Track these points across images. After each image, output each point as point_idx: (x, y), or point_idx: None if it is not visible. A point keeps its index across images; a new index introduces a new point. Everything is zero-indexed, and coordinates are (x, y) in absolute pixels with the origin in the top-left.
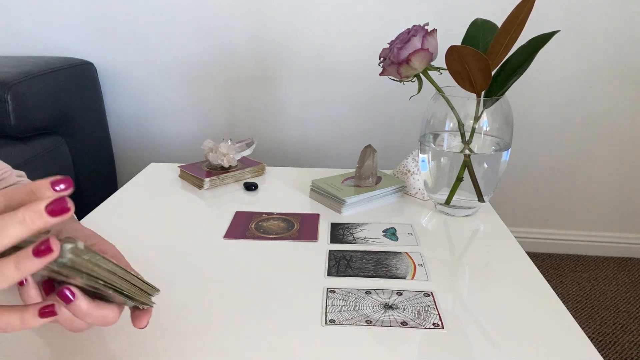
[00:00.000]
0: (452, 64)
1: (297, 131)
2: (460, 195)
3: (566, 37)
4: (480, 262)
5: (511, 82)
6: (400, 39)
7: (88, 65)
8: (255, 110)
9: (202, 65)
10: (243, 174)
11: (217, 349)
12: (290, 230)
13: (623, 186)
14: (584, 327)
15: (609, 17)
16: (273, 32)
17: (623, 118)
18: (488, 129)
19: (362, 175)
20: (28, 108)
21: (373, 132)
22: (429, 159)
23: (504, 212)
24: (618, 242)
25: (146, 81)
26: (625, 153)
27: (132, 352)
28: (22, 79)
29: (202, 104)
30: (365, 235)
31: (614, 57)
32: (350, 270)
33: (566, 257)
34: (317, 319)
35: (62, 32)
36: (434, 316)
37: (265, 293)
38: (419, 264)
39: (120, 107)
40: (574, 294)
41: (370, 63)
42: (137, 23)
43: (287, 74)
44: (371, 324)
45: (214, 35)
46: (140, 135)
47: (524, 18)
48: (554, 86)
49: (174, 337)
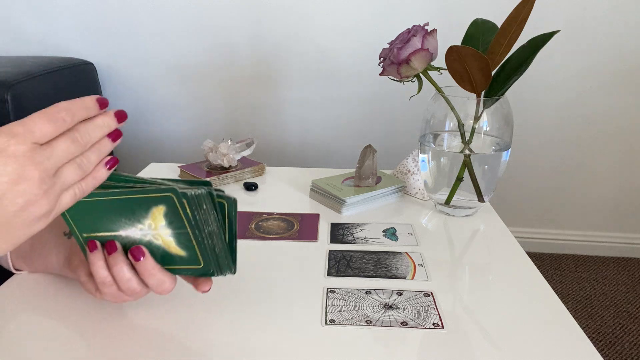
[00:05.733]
0: (452, 64)
1: (297, 131)
2: (460, 195)
3: (566, 37)
4: (480, 262)
5: (511, 82)
6: (400, 39)
7: (88, 65)
8: (255, 110)
9: (202, 65)
10: (243, 174)
11: (217, 349)
12: (290, 230)
13: (623, 186)
14: (584, 327)
15: (609, 17)
16: (273, 32)
17: (623, 118)
18: (488, 129)
19: (362, 175)
20: (28, 108)
21: (373, 132)
22: (429, 159)
23: (504, 212)
24: (618, 242)
25: (146, 81)
26: (625, 153)
27: (131, 351)
28: (22, 79)
29: (202, 104)
30: (365, 235)
31: (614, 57)
32: (350, 270)
33: (566, 257)
34: (317, 319)
35: (62, 32)
36: (434, 316)
37: (265, 293)
38: (419, 264)
39: (120, 107)
40: (574, 294)
41: (370, 63)
42: (137, 23)
43: (287, 73)
44: (371, 324)
45: (214, 35)
46: (140, 135)
47: (524, 18)
48: (554, 86)
49: (174, 337)
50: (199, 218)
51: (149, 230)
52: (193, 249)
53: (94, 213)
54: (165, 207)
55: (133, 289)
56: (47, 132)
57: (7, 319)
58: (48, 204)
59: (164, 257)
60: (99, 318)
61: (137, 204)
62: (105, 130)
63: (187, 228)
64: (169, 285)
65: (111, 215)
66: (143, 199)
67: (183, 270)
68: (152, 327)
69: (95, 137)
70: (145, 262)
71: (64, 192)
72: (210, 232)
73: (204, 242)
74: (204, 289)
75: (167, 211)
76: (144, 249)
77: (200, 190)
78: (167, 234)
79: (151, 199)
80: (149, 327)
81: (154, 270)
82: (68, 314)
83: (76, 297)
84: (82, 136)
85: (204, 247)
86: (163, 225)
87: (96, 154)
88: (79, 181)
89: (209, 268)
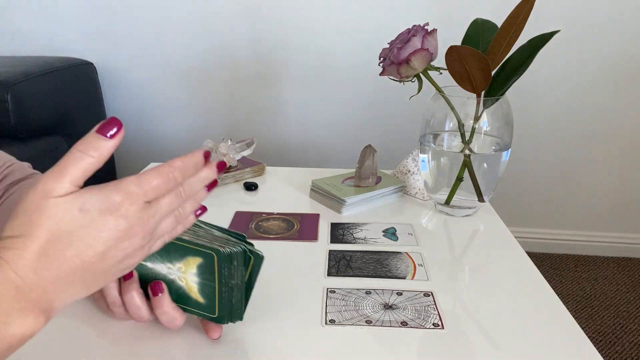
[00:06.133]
0: (452, 64)
1: (297, 131)
2: (460, 195)
3: (566, 37)
4: (480, 262)
5: (511, 82)
6: (400, 39)
7: (88, 65)
8: (255, 110)
9: (202, 65)
10: (243, 174)
11: (217, 349)
12: (290, 230)
13: (623, 186)
14: (584, 327)
15: (609, 17)
16: (273, 32)
17: (623, 118)
18: (488, 129)
19: (362, 175)
20: (28, 108)
21: (373, 132)
22: (429, 159)
23: (504, 212)
24: (618, 242)
25: (146, 81)
26: (626, 153)
27: (132, 351)
28: (22, 79)
29: (202, 103)
30: (365, 235)
31: (614, 57)
32: (350, 270)
33: (566, 257)
34: (317, 319)
35: (62, 32)
36: (434, 316)
37: (265, 293)
38: (419, 264)
39: (120, 107)
40: (574, 294)
41: (370, 63)
42: (137, 23)
43: (287, 73)
44: (371, 324)
45: (214, 35)
46: (140, 135)
47: (524, 18)
48: (554, 86)
49: (174, 337)
50: (228, 274)
51: (176, 272)
52: (213, 300)
53: None
54: (202, 260)
55: (141, 316)
56: (160, 192)
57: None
58: (142, 256)
59: (182, 296)
60: (100, 318)
61: (175, 248)
62: (206, 182)
63: (215, 282)
64: (179, 322)
65: None
66: (183, 247)
67: (196, 312)
68: (152, 327)
69: (196, 190)
70: (162, 299)
71: (157, 240)
72: (232, 286)
73: (225, 296)
74: (214, 337)
75: (202, 264)
76: (163, 285)
77: (236, 248)
78: (192, 280)
79: (192, 250)
80: (149, 327)
81: (167, 308)
82: (68, 315)
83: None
84: (186, 191)
85: (224, 299)
86: (193, 273)
87: (192, 204)
88: (172, 229)
89: (222, 318)
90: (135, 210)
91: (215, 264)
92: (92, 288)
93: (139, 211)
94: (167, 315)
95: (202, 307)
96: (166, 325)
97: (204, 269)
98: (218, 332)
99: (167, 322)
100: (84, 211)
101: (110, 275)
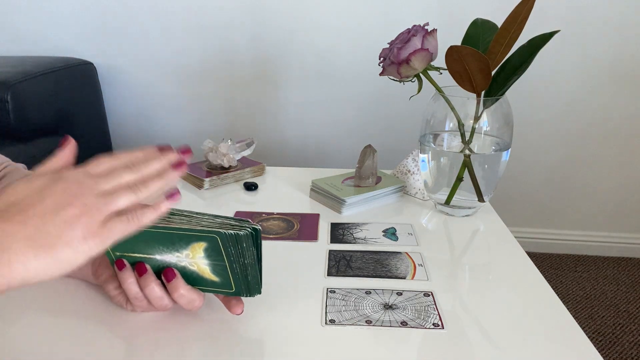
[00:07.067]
0: (452, 64)
1: (297, 131)
2: (460, 195)
3: (566, 37)
4: (480, 262)
5: (511, 82)
6: (400, 39)
7: (88, 65)
8: (255, 110)
9: (202, 65)
10: (243, 174)
11: (217, 349)
12: (290, 230)
13: (623, 186)
14: (584, 327)
15: (609, 17)
16: (273, 32)
17: (623, 118)
18: (488, 129)
19: (362, 175)
20: (28, 108)
21: (373, 132)
22: (429, 159)
23: (504, 212)
24: (618, 242)
25: (146, 81)
26: (625, 153)
27: (134, 350)
28: (22, 79)
29: (202, 103)
30: (365, 235)
31: (614, 57)
32: (350, 270)
33: (566, 257)
34: (317, 319)
35: (62, 32)
36: (434, 316)
37: (265, 293)
38: (419, 264)
39: (120, 107)
40: (574, 294)
41: (370, 63)
42: (137, 23)
43: (287, 74)
44: (371, 324)
45: (214, 35)
46: (140, 135)
47: (524, 18)
48: (554, 86)
49: (173, 337)
50: (238, 254)
51: (185, 258)
52: (227, 277)
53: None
54: (206, 244)
55: (165, 305)
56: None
57: (9, 319)
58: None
59: (197, 279)
60: (100, 319)
61: (178, 237)
62: (165, 161)
63: (224, 262)
64: (199, 303)
65: (150, 242)
66: (185, 235)
67: (214, 291)
68: (153, 327)
69: (155, 169)
70: (177, 282)
71: (115, 217)
72: (246, 265)
73: (239, 273)
74: (236, 312)
75: (208, 247)
76: (175, 271)
77: (241, 231)
78: (203, 263)
79: (194, 236)
80: (150, 327)
81: (183, 290)
82: (69, 314)
83: (80, 296)
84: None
85: (238, 276)
86: (201, 257)
87: (159, 183)
88: (137, 210)
89: (239, 292)
90: (77, 175)
91: (220, 245)
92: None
93: (82, 177)
94: (185, 298)
95: (218, 285)
96: (186, 308)
97: (210, 251)
98: (240, 308)
99: (186, 304)
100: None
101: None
